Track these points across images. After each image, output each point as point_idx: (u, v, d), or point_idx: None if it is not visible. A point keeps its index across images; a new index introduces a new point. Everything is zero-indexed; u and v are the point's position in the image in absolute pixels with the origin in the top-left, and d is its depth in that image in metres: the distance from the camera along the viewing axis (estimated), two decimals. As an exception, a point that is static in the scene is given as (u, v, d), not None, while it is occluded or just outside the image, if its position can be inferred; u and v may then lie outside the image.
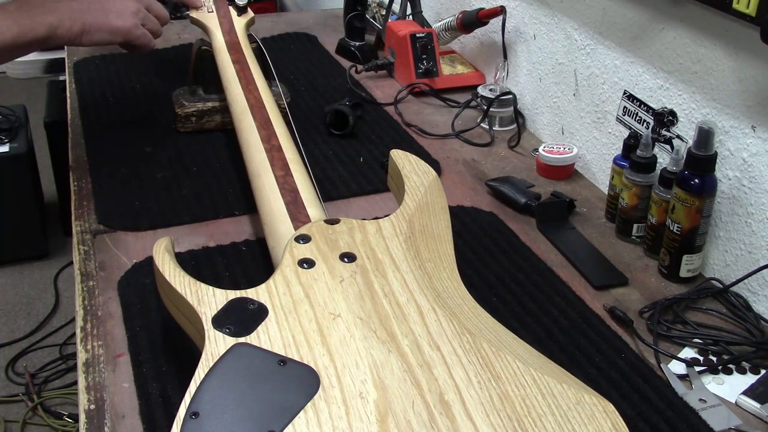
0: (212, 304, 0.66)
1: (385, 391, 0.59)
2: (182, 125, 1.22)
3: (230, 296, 0.67)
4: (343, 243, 0.74)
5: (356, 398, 0.58)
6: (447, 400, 0.58)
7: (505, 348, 0.64)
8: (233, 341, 0.62)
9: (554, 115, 1.26)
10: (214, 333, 0.63)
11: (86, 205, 1.05)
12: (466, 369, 0.61)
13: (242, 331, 0.63)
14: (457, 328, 0.65)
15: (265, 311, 0.65)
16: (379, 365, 0.61)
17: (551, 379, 0.61)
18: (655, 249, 0.97)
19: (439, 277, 0.72)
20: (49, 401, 1.93)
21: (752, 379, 0.80)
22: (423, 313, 0.66)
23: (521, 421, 0.57)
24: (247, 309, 0.66)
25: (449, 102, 1.39)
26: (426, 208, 0.81)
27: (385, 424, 0.56)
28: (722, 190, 0.92)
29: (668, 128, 0.98)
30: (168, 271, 0.70)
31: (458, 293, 0.71)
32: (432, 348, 0.63)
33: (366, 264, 0.72)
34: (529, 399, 0.59)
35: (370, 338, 0.63)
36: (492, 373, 0.61)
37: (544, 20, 1.26)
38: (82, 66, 1.49)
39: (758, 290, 0.89)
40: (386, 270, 0.71)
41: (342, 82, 1.45)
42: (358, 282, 0.69)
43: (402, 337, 0.64)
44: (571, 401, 0.59)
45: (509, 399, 0.59)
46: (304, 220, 0.80)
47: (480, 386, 0.60)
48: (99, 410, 0.73)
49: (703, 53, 0.93)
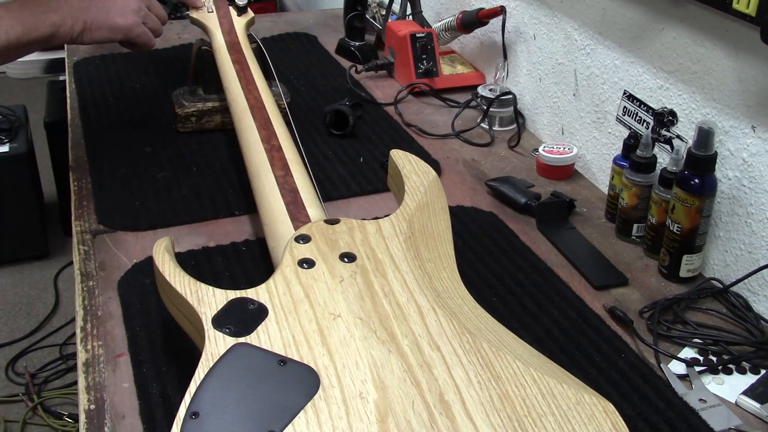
0: (212, 304, 0.66)
1: (385, 391, 0.59)
2: (182, 125, 1.22)
3: (230, 296, 0.67)
4: (343, 243, 0.74)
5: (356, 398, 0.58)
6: (447, 400, 0.58)
7: (505, 348, 0.64)
8: (233, 341, 0.62)
9: (554, 115, 1.26)
10: (214, 333, 0.63)
11: (86, 205, 1.05)
12: (466, 369, 0.61)
13: (242, 331, 0.63)
14: (457, 328, 0.65)
15: (265, 311, 0.65)
16: (379, 365, 0.61)
17: (551, 380, 0.61)
18: (655, 249, 0.97)
19: (439, 277, 0.72)
20: (49, 401, 1.93)
21: (752, 379, 0.80)
22: (423, 313, 0.66)
23: (521, 421, 0.57)
24: (247, 309, 0.66)
25: (449, 102, 1.39)
26: (426, 208, 0.81)
27: (385, 424, 0.56)
28: (722, 190, 0.92)
29: (668, 128, 0.98)
30: (168, 271, 0.70)
31: (458, 293, 0.71)
32: (432, 348, 0.63)
33: (366, 264, 0.72)
34: (529, 399, 0.59)
35: (370, 338, 0.63)
36: (492, 373, 0.61)
37: (544, 20, 1.26)
38: (82, 66, 1.49)
39: (758, 290, 0.89)
40: (386, 270, 0.71)
41: (342, 82, 1.45)
42: (358, 282, 0.69)
43: (402, 337, 0.64)
44: (571, 401, 0.59)
45: (509, 399, 0.59)
46: (304, 220, 0.80)
47: (480, 386, 0.60)
48: (99, 410, 0.73)
49: (703, 53, 0.93)
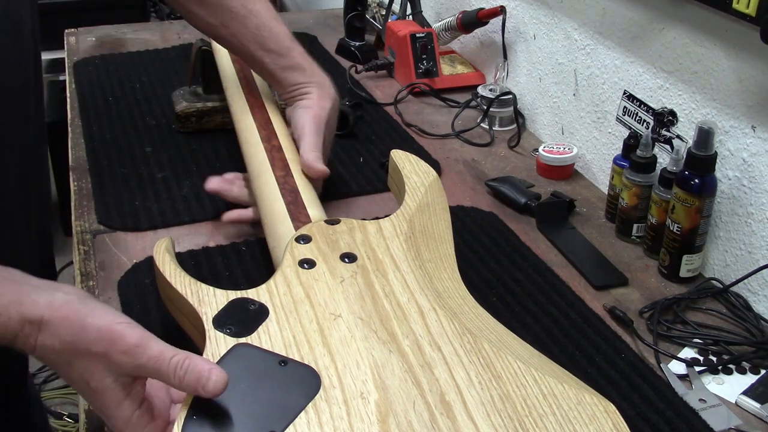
0: (213, 304, 0.66)
1: (386, 391, 0.59)
2: (182, 125, 1.22)
3: (231, 296, 0.67)
4: (344, 243, 0.74)
5: (357, 398, 0.58)
6: (448, 401, 0.58)
7: (506, 348, 0.64)
8: (234, 341, 0.62)
9: (554, 115, 1.26)
10: (215, 333, 0.63)
11: (86, 205, 1.05)
12: (467, 369, 0.61)
13: (243, 332, 0.63)
14: (458, 328, 0.65)
15: (266, 311, 0.65)
16: (380, 365, 0.61)
17: (552, 380, 0.61)
18: (655, 249, 0.97)
19: (439, 278, 0.72)
20: (49, 401, 1.93)
21: (752, 379, 0.80)
22: (424, 313, 0.66)
23: (522, 422, 0.57)
24: (247, 309, 0.66)
25: (449, 102, 1.39)
26: (426, 208, 0.81)
27: (386, 424, 0.56)
28: (722, 190, 0.92)
29: (668, 128, 0.98)
30: (168, 272, 0.69)
31: (459, 293, 0.71)
32: (433, 348, 0.63)
33: (366, 264, 0.72)
34: (530, 399, 0.59)
35: (370, 338, 0.63)
36: (493, 374, 0.61)
37: (544, 20, 1.26)
38: (82, 66, 1.49)
39: (758, 290, 0.89)
40: (387, 270, 0.71)
41: (342, 82, 1.45)
42: (358, 282, 0.69)
43: (403, 338, 0.64)
44: (572, 401, 0.59)
45: (510, 399, 0.59)
46: (304, 221, 0.79)
47: (481, 386, 0.60)
48: (99, 410, 0.73)
49: (703, 53, 0.93)
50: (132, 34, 1.67)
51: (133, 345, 0.57)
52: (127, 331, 0.57)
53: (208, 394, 0.55)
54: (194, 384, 0.56)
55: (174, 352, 0.57)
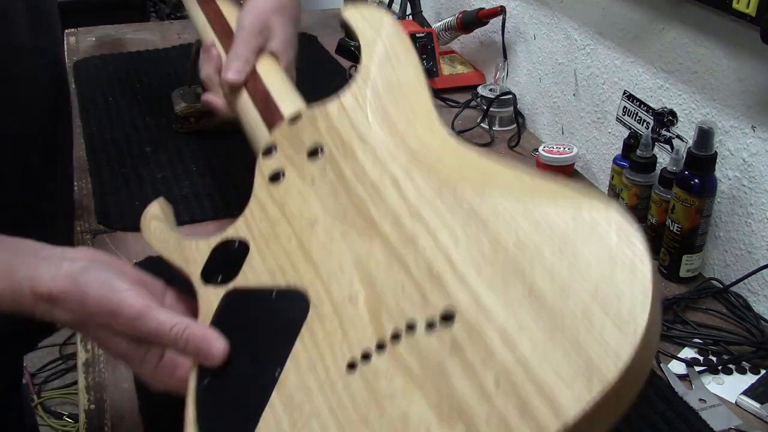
0: (198, 259, 0.65)
1: (373, 285, 0.55)
2: (181, 125, 1.22)
3: (213, 243, 0.66)
4: (308, 138, 0.70)
5: (346, 304, 0.55)
6: (437, 271, 0.54)
7: (490, 184, 0.58)
8: (223, 290, 0.61)
9: (554, 115, 1.26)
10: (205, 290, 0.62)
11: (86, 205, 1.05)
12: (452, 227, 0.56)
13: (230, 276, 0.62)
14: (435, 184, 0.59)
15: (247, 246, 0.64)
16: (363, 260, 0.57)
17: (543, 203, 0.54)
18: (655, 249, 0.97)
19: (413, 134, 0.66)
20: (49, 401, 1.94)
21: (752, 379, 0.80)
22: (399, 182, 0.61)
23: (517, 263, 0.51)
24: (231, 250, 0.65)
25: (449, 102, 1.39)
26: (387, 60, 0.74)
27: (378, 320, 0.53)
28: (722, 190, 0.92)
29: (668, 128, 0.98)
30: (155, 241, 0.70)
31: (436, 140, 0.65)
32: (413, 218, 0.58)
33: (334, 152, 0.67)
34: (521, 236, 0.52)
35: (350, 234, 0.60)
36: (479, 222, 0.55)
37: (544, 20, 1.26)
38: (82, 66, 1.49)
39: (758, 290, 0.89)
40: (355, 150, 0.66)
41: (342, 82, 1.44)
42: (329, 176, 0.65)
43: (381, 220, 0.59)
44: (568, 222, 0.52)
45: (500, 244, 0.53)
46: (279, 122, 0.76)
47: (468, 241, 0.54)
48: (99, 410, 0.73)
49: (703, 53, 0.93)
50: (132, 34, 1.66)
51: (133, 318, 0.57)
52: (126, 302, 0.57)
53: (210, 363, 0.56)
54: (195, 355, 0.57)
55: (173, 322, 0.57)
